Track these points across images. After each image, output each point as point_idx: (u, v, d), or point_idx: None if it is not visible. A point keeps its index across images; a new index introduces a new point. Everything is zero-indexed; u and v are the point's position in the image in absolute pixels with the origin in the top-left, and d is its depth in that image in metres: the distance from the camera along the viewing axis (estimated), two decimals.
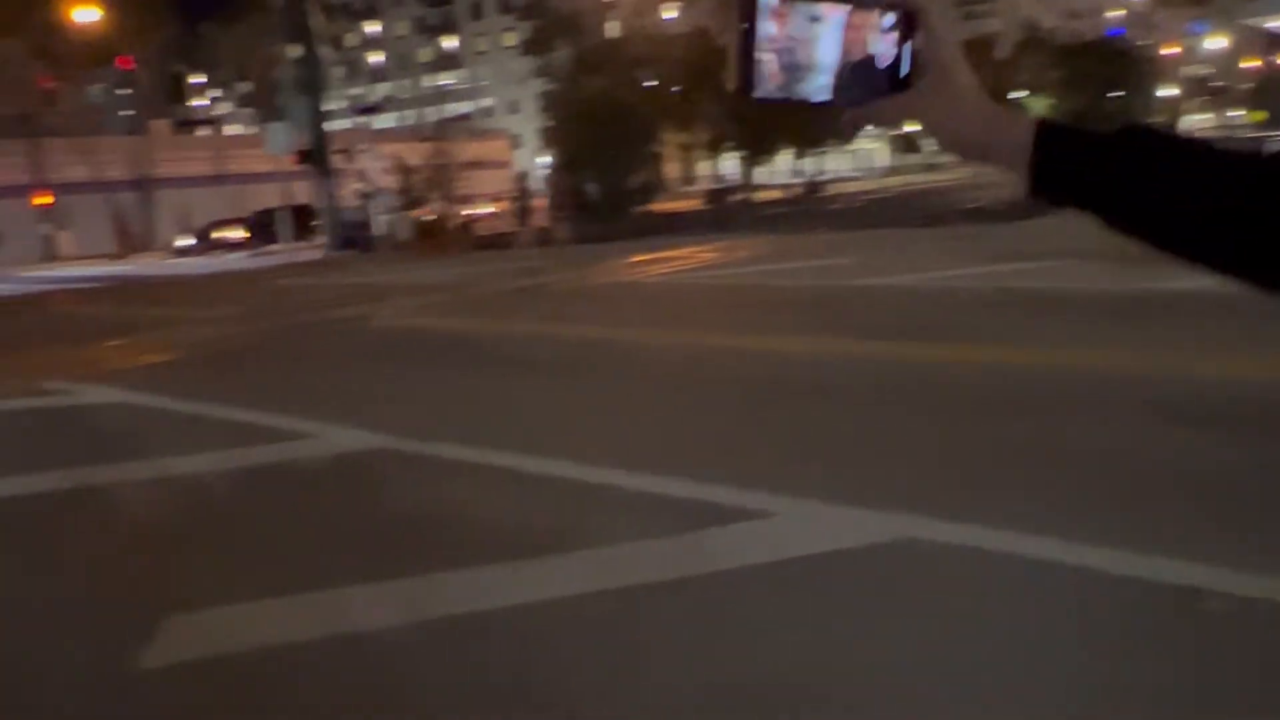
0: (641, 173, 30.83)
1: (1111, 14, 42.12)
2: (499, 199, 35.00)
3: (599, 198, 28.35)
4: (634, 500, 4.06)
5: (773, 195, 36.70)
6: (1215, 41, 54.84)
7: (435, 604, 3.19)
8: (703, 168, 46.57)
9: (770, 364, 6.85)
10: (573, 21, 43.74)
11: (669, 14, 45.23)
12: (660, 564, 3.34)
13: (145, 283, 22.69)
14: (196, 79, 67.64)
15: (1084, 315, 7.61)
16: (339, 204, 26.57)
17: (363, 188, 27.02)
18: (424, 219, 26.26)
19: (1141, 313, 7.25)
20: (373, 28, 71.84)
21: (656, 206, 30.13)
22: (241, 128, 58.21)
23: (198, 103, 69.21)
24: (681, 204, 33.13)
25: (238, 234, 33.77)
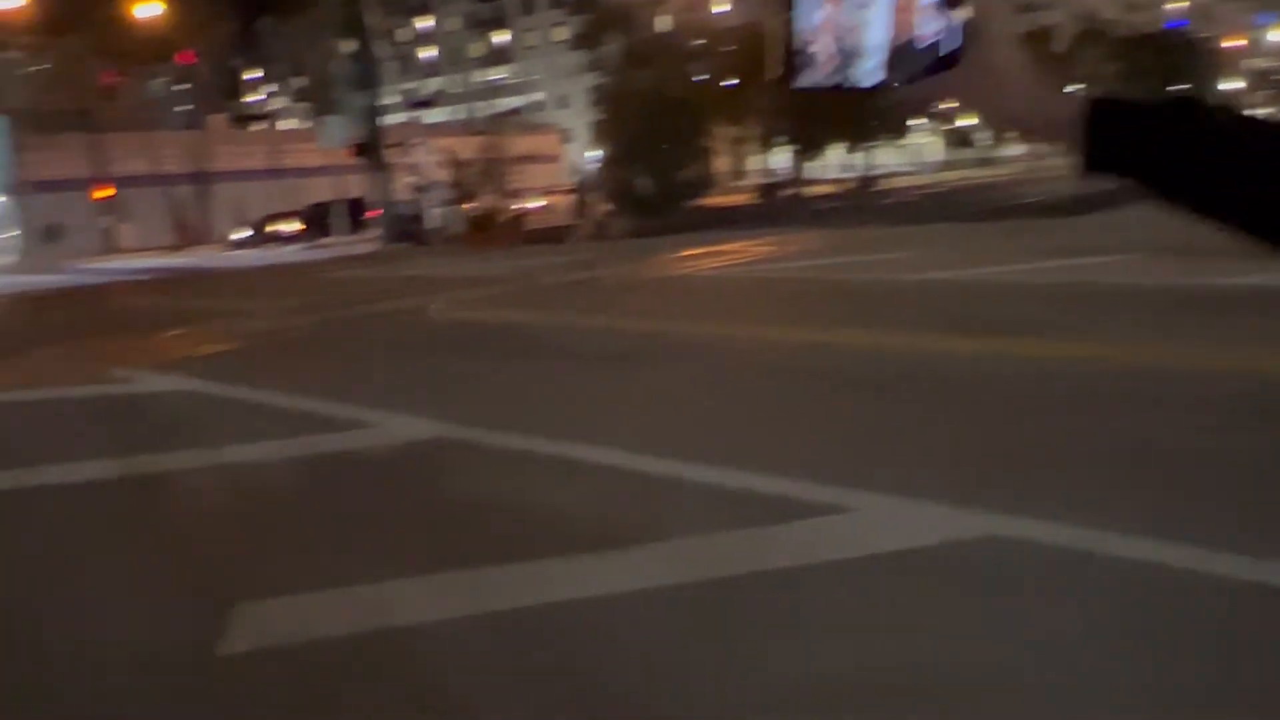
0: (692, 167, 30.75)
1: (1172, 6, 41.20)
2: (550, 193, 35.06)
3: (650, 192, 28.32)
4: (704, 493, 3.98)
5: (824, 190, 36.42)
6: None
7: (504, 596, 3.12)
8: (753, 162, 46.31)
9: (832, 357, 6.72)
10: (624, 15, 43.74)
11: (720, 7, 45.04)
12: (736, 558, 3.25)
13: (203, 274, 23.03)
14: (252, 75, 68.54)
15: (1161, 310, 7.39)
16: (392, 197, 26.75)
17: (416, 181, 27.19)
18: (476, 213, 26.37)
19: (1219, 307, 7.04)
20: (425, 23, 72.35)
21: (707, 201, 30.04)
22: (296, 122, 58.91)
23: (253, 98, 70.13)
24: (732, 199, 32.97)
25: (292, 227, 34.15)
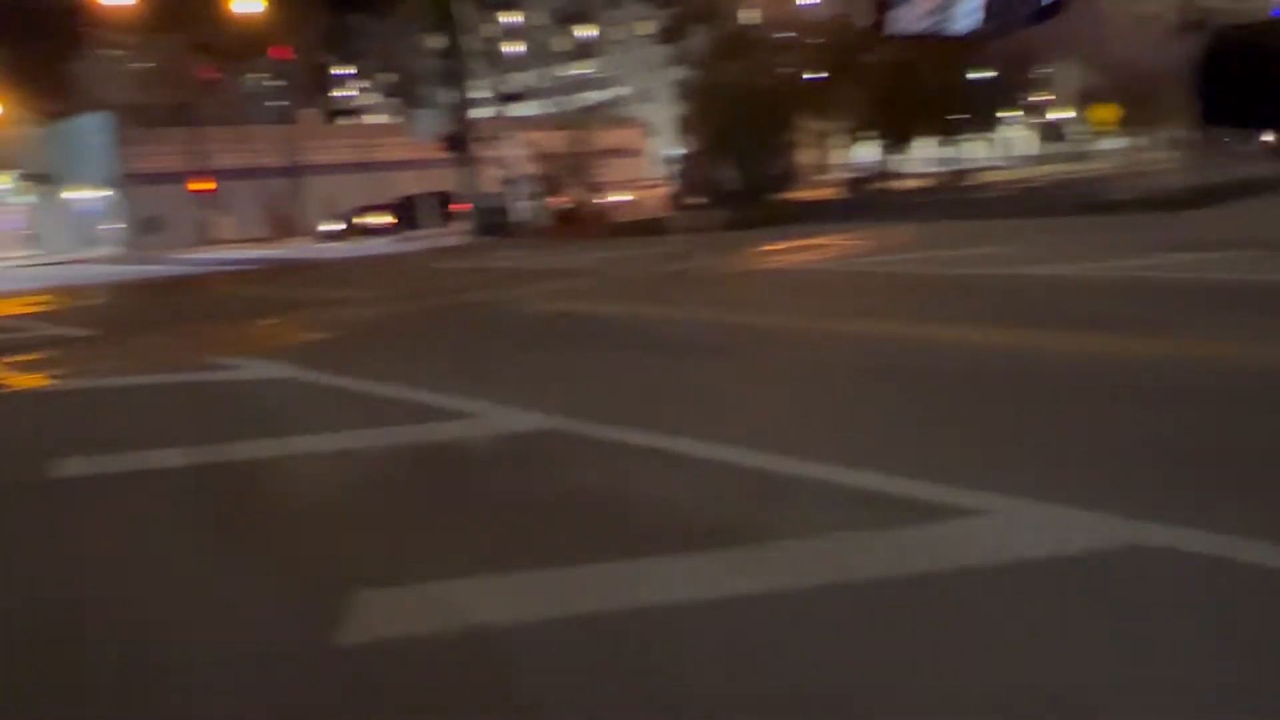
0: (779, 160, 30.41)
1: None
2: (634, 187, 35.02)
3: (736, 186, 28.07)
4: (822, 492, 3.83)
5: (913, 184, 35.71)
6: None
7: (622, 596, 3.02)
8: (840, 156, 45.66)
9: (940, 353, 6.49)
10: (710, 8, 43.44)
11: (807, 0, 44.46)
12: (864, 562, 3.10)
13: (296, 265, 23.47)
14: (342, 70, 69.80)
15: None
16: (481, 191, 26.97)
17: (504, 174, 27.37)
18: (562, 205, 26.44)
19: None
20: (513, 18, 72.94)
21: (794, 195, 29.67)
22: (386, 117, 59.86)
23: (343, 93, 71.42)
24: (819, 193, 32.52)
25: (382, 219, 34.68)
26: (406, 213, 33.82)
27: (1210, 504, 3.37)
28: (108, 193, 43.58)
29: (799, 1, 41.34)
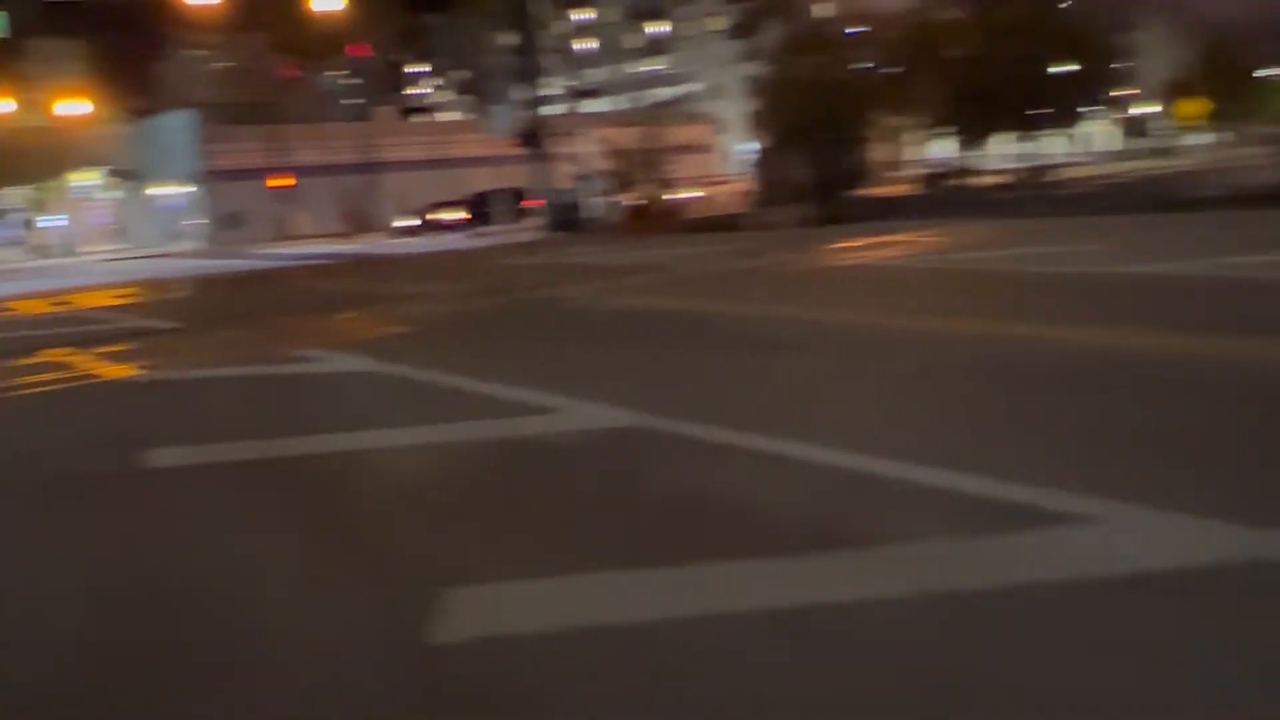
0: (854, 156, 30.02)
1: None
2: (706, 182, 34.86)
3: (811, 182, 27.76)
4: (923, 494, 3.69)
5: (990, 180, 34.99)
6: None
7: (719, 597, 2.93)
8: (916, 152, 44.96)
9: (1032, 352, 6.27)
10: (783, 3, 43.08)
11: None
12: (980, 568, 2.96)
13: (372, 260, 23.78)
14: (416, 68, 70.69)
15: None
16: (554, 187, 27.06)
17: (576, 171, 27.42)
18: (635, 202, 26.42)
19: None
20: (585, 15, 73.16)
21: (869, 191, 29.25)
22: (459, 115, 60.48)
23: (416, 91, 72.33)
24: (895, 189, 32.02)
25: (456, 215, 35.00)
26: (479, 209, 34.10)
27: None
28: (191, 189, 44.67)
29: None
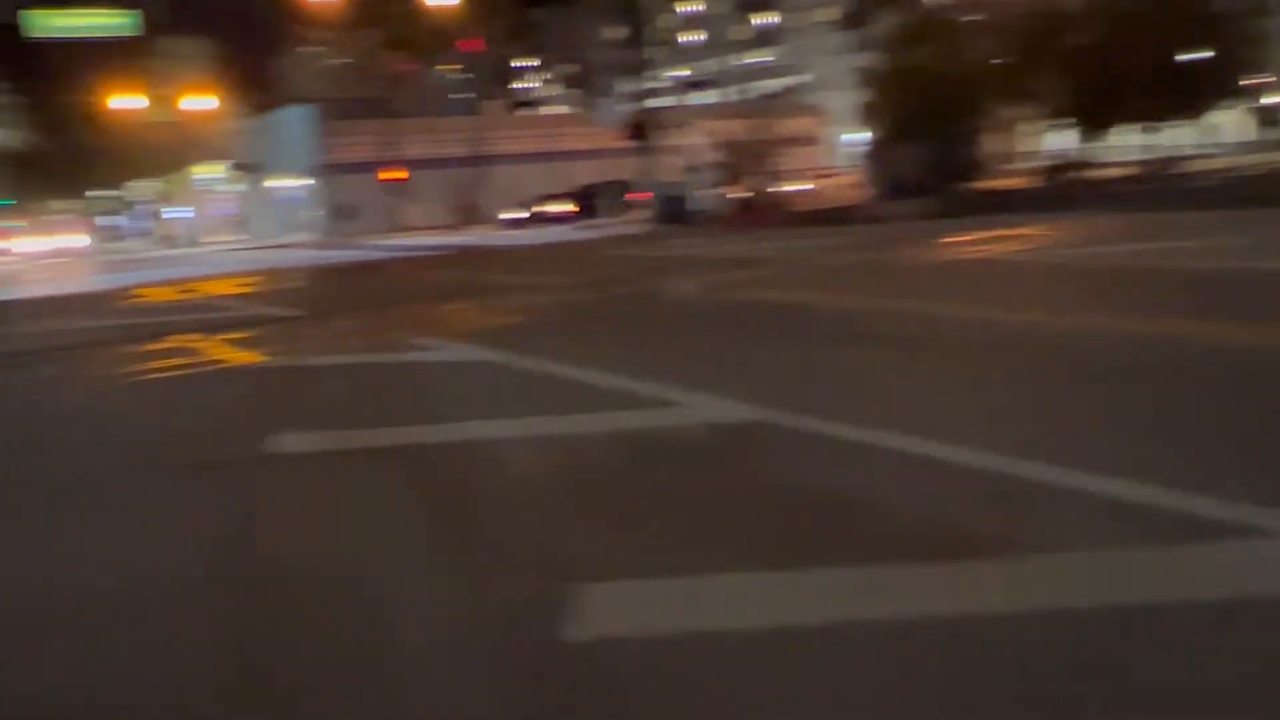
0: (968, 148, 29.26)
1: None
2: (814, 175, 34.38)
3: (922, 174, 27.15)
4: (1067, 499, 3.49)
5: (1113, 172, 33.67)
6: None
7: (866, 604, 2.80)
8: (1031, 143, 43.57)
9: (1174, 351, 5.94)
10: None
11: None
12: (1143, 581, 2.77)
13: (481, 252, 24.08)
14: (525, 63, 71.48)
15: None
16: (662, 179, 27.02)
17: (684, 163, 27.33)
18: (742, 194, 26.21)
19: None
20: (692, 7, 72.96)
21: (985, 184, 28.47)
22: (566, 108, 60.95)
23: (523, 85, 73.15)
24: (1010, 181, 31.07)
25: (562, 208, 35.26)
26: (586, 202, 34.30)
27: None
28: (308, 182, 45.99)
29: None
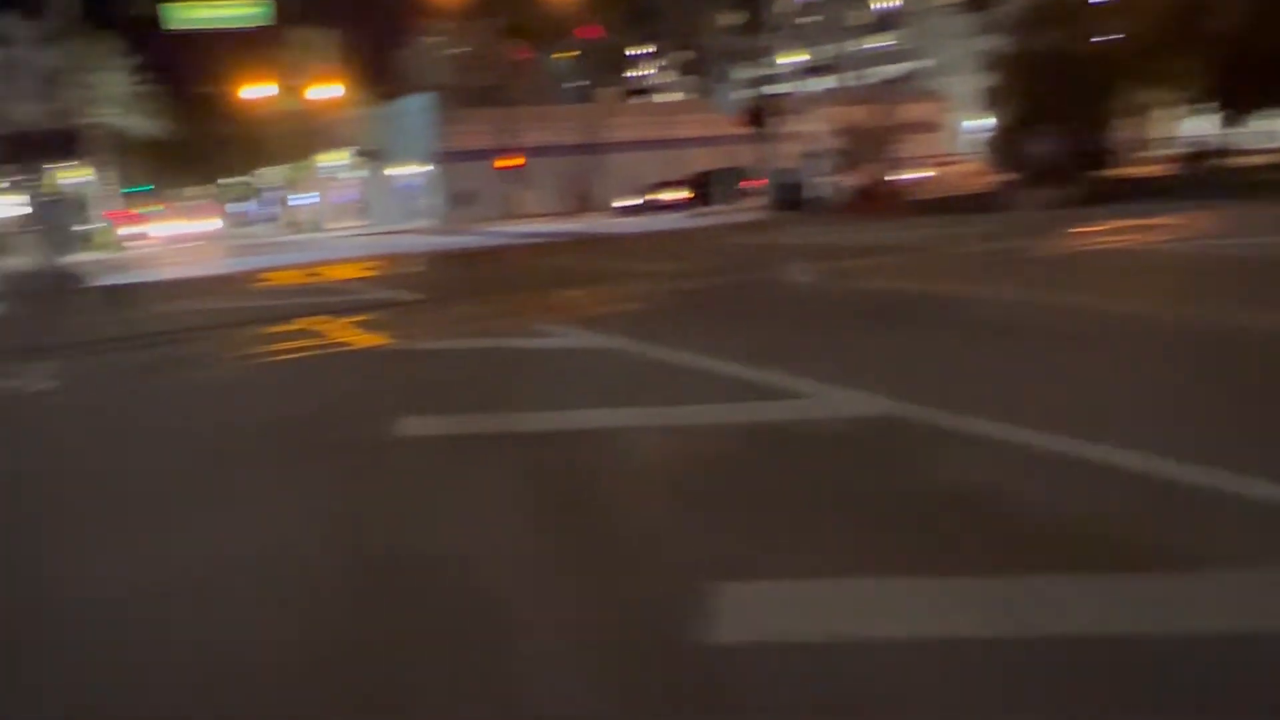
0: (1099, 134, 28.07)
1: None
2: (935, 162, 33.51)
3: (1050, 161, 26.13)
4: (1246, 508, 3.21)
5: (1256, 160, 31.88)
6: None
7: (1030, 617, 2.60)
8: (1168, 129, 41.62)
9: None
10: None
11: None
12: None
13: (596, 239, 24.12)
14: (637, 50, 71.46)
15: None
16: (778, 166, 26.65)
17: (802, 150, 26.90)
18: (861, 181, 25.67)
19: None
20: None
21: (1117, 171, 27.27)
22: (680, 95, 60.74)
23: (640, 73, 73.15)
24: (1145, 168, 29.70)
25: (677, 195, 35.11)
26: (700, 188, 34.07)
27: None
28: (427, 169, 46.89)
29: None
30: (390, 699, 2.48)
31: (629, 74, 69.79)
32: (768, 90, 28.74)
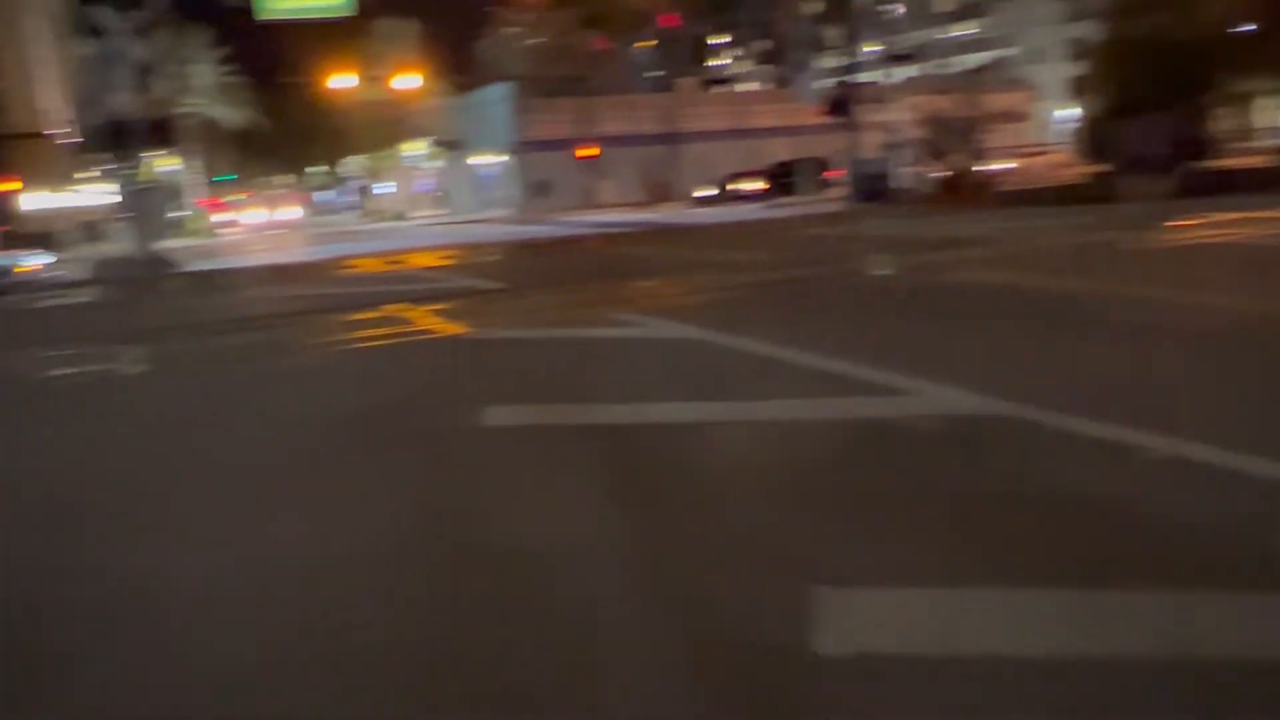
0: (1196, 125, 27.07)
1: None
2: (1021, 152, 32.69)
3: (1145, 152, 25.27)
4: None
5: None
6: None
7: (1154, 635, 2.41)
8: (1270, 119, 40.02)
9: None
10: None
11: None
12: None
13: (674, 229, 23.97)
14: (716, 39, 70.99)
15: None
16: (860, 156, 26.20)
17: (886, 140, 26.41)
18: (945, 172, 25.10)
19: None
20: None
21: (1216, 162, 26.26)
22: (759, 85, 60.21)
23: (718, 62, 72.71)
24: (1247, 160, 28.56)
25: (755, 185, 34.75)
26: (779, 179, 33.68)
27: None
28: (505, 158, 47.17)
29: None
30: (490, 699, 2.40)
31: (708, 63, 69.39)
32: (849, 79, 28.22)
